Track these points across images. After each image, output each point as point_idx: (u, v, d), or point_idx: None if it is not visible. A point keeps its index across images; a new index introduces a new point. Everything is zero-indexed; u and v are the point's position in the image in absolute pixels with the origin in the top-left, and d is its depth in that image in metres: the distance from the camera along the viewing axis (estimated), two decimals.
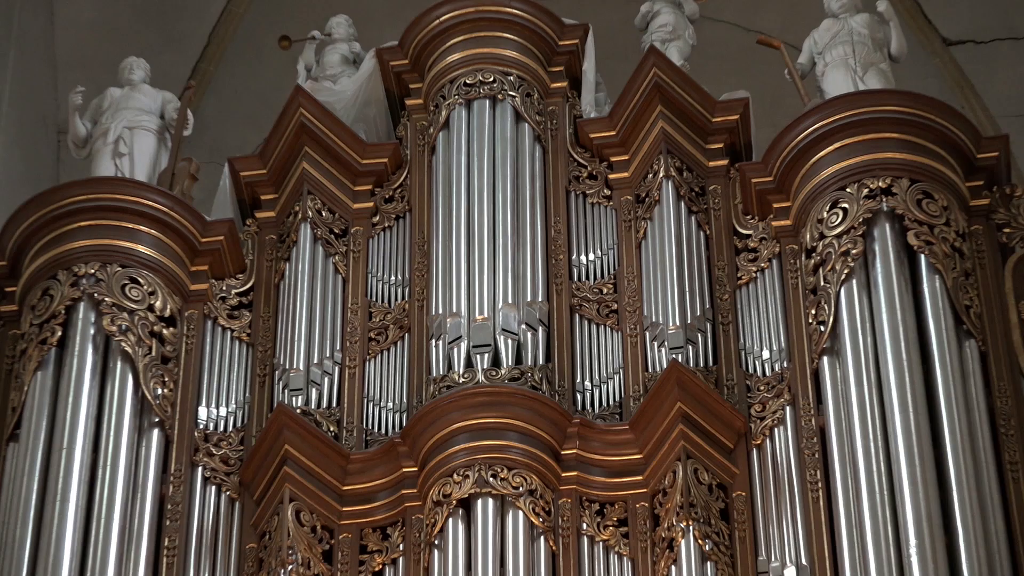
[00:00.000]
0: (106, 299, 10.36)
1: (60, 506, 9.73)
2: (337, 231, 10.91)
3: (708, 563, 9.30)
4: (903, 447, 9.30)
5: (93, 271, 10.46)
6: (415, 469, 9.80)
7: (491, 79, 11.10)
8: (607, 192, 10.85)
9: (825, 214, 10.15)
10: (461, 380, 10.02)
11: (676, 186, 10.57)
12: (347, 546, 9.77)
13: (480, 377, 10.01)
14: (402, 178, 11.09)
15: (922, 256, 9.92)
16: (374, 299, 10.69)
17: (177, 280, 10.65)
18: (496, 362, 10.09)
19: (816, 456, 9.60)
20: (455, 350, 10.17)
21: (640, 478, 9.73)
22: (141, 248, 10.61)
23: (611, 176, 10.87)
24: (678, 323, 10.12)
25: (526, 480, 9.60)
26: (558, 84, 11.25)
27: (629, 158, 10.86)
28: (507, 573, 9.35)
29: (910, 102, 10.41)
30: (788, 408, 9.83)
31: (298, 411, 10.09)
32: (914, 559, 8.98)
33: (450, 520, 9.54)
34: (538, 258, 10.54)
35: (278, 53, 12.58)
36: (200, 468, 10.19)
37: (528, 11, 11.28)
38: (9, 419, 10.25)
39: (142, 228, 10.64)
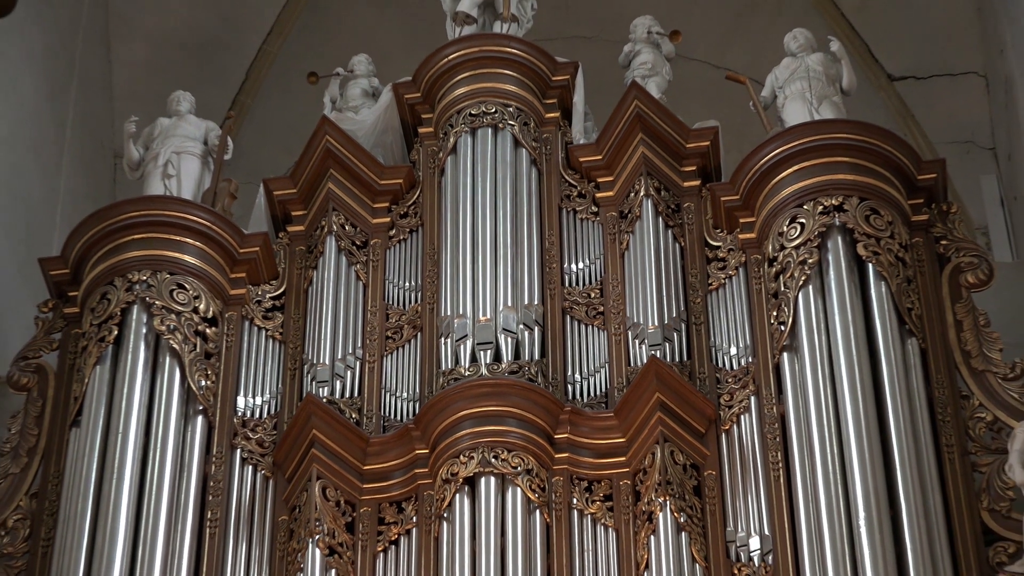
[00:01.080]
0: (156, 302, 10.37)
1: (116, 483, 9.73)
2: (358, 243, 10.92)
3: (683, 533, 9.30)
4: (853, 432, 9.31)
5: (145, 278, 10.45)
6: (426, 451, 9.80)
7: (493, 110, 11.10)
8: (594, 209, 10.84)
9: (785, 228, 10.16)
10: (467, 373, 10.03)
11: (655, 204, 10.58)
12: (367, 518, 9.78)
13: (483, 371, 10.01)
14: (415, 197, 11.08)
15: (870, 265, 9.92)
16: (390, 302, 10.68)
17: (218, 286, 10.66)
18: (497, 357, 10.10)
19: (777, 440, 9.61)
20: (461, 347, 10.18)
21: (623, 459, 9.73)
22: (187, 258, 10.61)
23: (598, 195, 10.86)
24: (656, 323, 10.13)
25: (523, 461, 9.61)
26: (551, 114, 11.24)
27: (613, 179, 10.85)
28: (507, 542, 9.34)
29: (859, 130, 10.41)
30: (752, 398, 9.84)
31: (324, 400, 10.09)
32: (863, 529, 9.00)
33: (457, 496, 9.54)
34: (534, 266, 10.53)
35: (307, 87, 12.55)
36: (238, 450, 10.19)
37: (525, 51, 11.28)
38: (72, 407, 10.25)
39: (188, 240, 10.64)
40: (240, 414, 10.33)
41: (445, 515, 9.53)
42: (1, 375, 10.98)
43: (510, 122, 11.05)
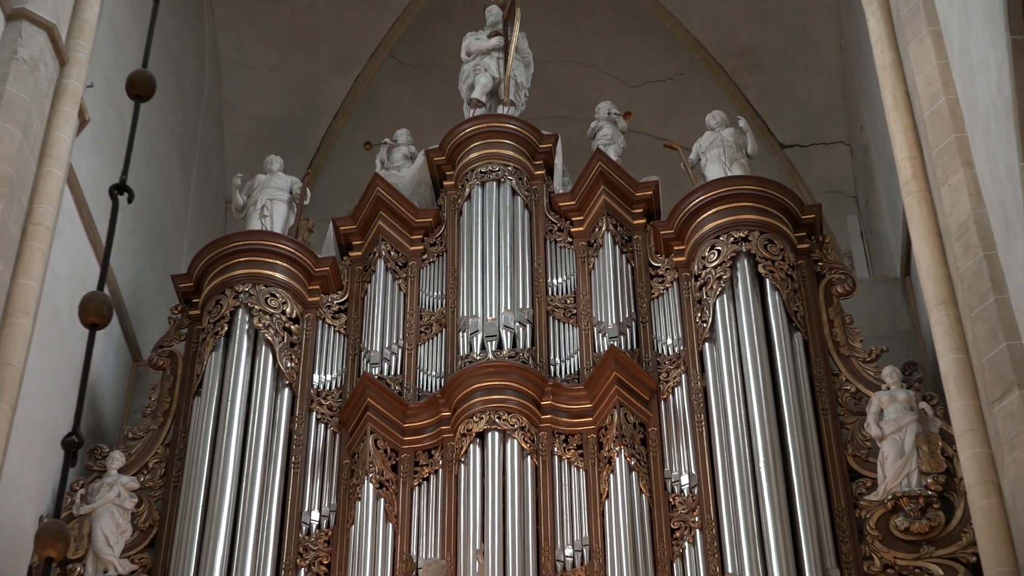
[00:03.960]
0: (255, 307, 10.39)
1: (226, 437, 9.77)
2: (400, 264, 10.92)
3: (633, 473, 9.34)
4: (755, 400, 9.37)
5: (247, 289, 10.47)
6: (449, 414, 9.79)
7: (497, 169, 11.10)
8: (569, 239, 10.83)
9: (706, 253, 10.19)
10: (478, 357, 10.03)
11: (613, 236, 10.59)
12: (406, 462, 9.78)
13: (490, 356, 10.01)
14: (441, 231, 11.07)
15: (767, 280, 9.97)
16: (423, 307, 10.66)
17: (300, 295, 10.65)
18: (499, 346, 10.10)
19: (701, 405, 9.61)
20: (474, 339, 10.18)
21: (590, 419, 9.72)
22: (277, 275, 10.61)
23: (572, 230, 10.85)
24: (614, 321, 10.14)
25: (519, 420, 9.62)
26: (539, 172, 11.23)
27: (583, 218, 10.84)
28: (507, 479, 9.36)
29: (759, 183, 10.46)
30: (683, 376, 9.84)
31: (376, 377, 10.10)
32: (762, 470, 9.07)
33: (471, 446, 9.57)
34: (526, 280, 10.51)
35: (363, 152, 12.57)
36: (314, 413, 10.18)
37: (520, 126, 11.29)
38: (194, 382, 10.25)
39: (278, 262, 10.64)
40: (315, 387, 10.32)
41: (462, 460, 9.55)
42: (144, 359, 11.03)
43: (509, 177, 11.05)
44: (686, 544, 9.12)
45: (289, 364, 10.27)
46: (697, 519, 9.15)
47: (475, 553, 8.93)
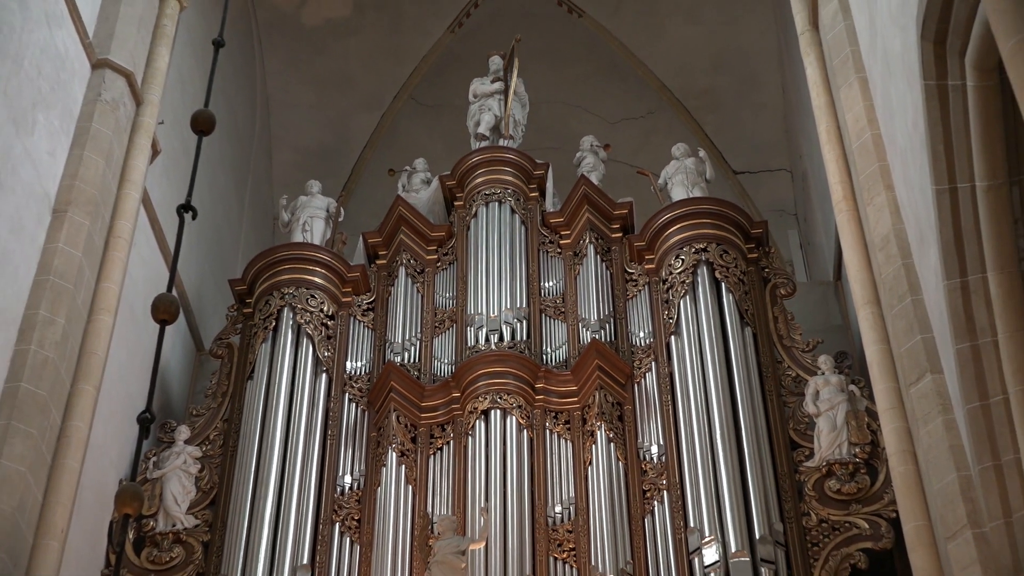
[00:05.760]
0: (298, 306, 10.37)
1: (274, 414, 9.76)
2: (418, 271, 10.89)
3: (611, 444, 9.33)
4: (712, 384, 9.36)
5: (292, 291, 10.46)
6: (459, 395, 9.77)
7: (498, 191, 11.08)
8: (559, 250, 10.81)
9: (673, 262, 10.18)
10: (483, 348, 10.00)
11: (595, 247, 10.58)
12: (423, 435, 9.74)
13: (492, 347, 9.98)
14: (452, 243, 11.04)
15: (723, 284, 9.96)
16: (437, 306, 10.63)
17: (335, 296, 10.63)
18: (500, 338, 10.07)
19: (667, 388, 9.60)
20: (480, 332, 10.15)
21: (576, 400, 9.70)
22: (316, 279, 10.59)
23: (561, 242, 10.83)
24: (596, 318, 10.13)
25: (516, 400, 9.60)
26: (533, 194, 11.21)
27: (570, 232, 10.82)
28: (507, 449, 9.34)
29: (716, 203, 10.46)
30: (653, 363, 9.82)
31: (398, 364, 10.08)
32: (719, 441, 9.06)
33: (477, 421, 9.54)
34: (523, 284, 10.48)
35: (387, 178, 12.51)
36: (347, 394, 10.15)
37: (517, 156, 11.25)
38: (247, 368, 10.20)
39: (317, 269, 10.62)
40: (347, 373, 10.29)
41: (470, 433, 9.53)
42: (205, 349, 11.01)
43: (509, 199, 11.03)
44: (655, 503, 9.10)
45: (326, 353, 10.26)
46: (664, 482, 9.13)
47: (480, 510, 8.92)
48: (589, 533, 8.90)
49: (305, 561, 9.08)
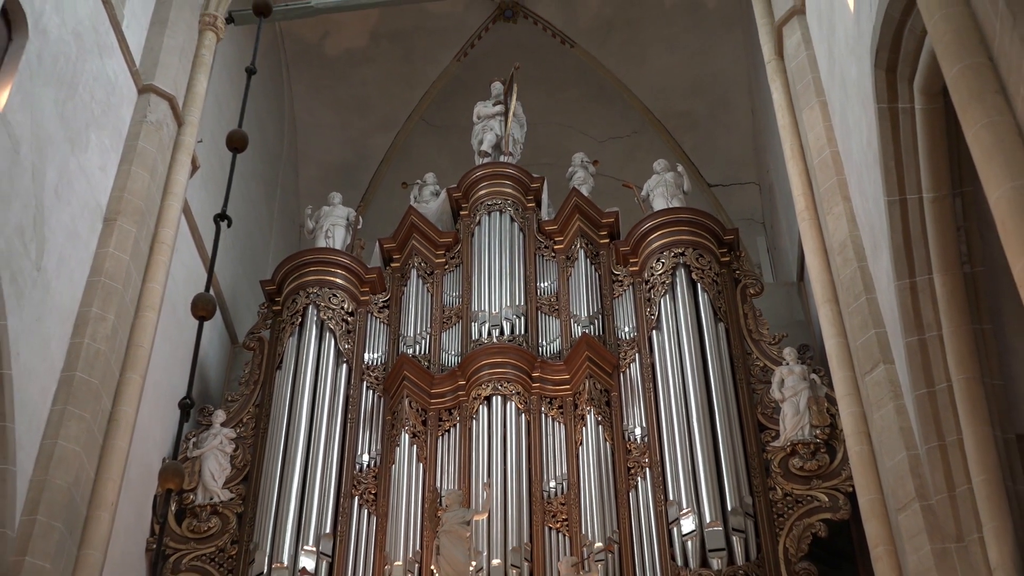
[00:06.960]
0: (322, 304, 10.36)
1: (300, 400, 9.74)
2: (428, 272, 10.88)
3: (600, 426, 9.32)
4: (689, 374, 9.35)
5: (316, 291, 10.45)
6: (464, 383, 9.74)
7: (499, 202, 11.07)
8: (553, 254, 10.79)
9: (654, 264, 10.17)
10: (485, 341, 9.99)
11: (585, 252, 10.56)
12: (433, 418, 9.72)
13: (494, 340, 9.97)
14: (458, 248, 11.02)
15: (699, 284, 9.94)
16: (445, 303, 10.63)
17: (354, 295, 10.62)
18: (501, 333, 10.05)
19: (649, 377, 9.58)
20: (483, 327, 10.14)
21: (568, 387, 9.67)
22: (338, 280, 10.58)
23: (555, 247, 10.82)
24: (586, 314, 10.10)
25: (515, 388, 9.59)
26: (530, 204, 11.19)
27: (563, 239, 10.81)
28: (507, 432, 9.32)
29: (693, 213, 10.44)
30: (637, 355, 9.80)
31: (410, 355, 10.07)
32: (695, 424, 9.04)
33: (480, 406, 9.53)
34: (521, 284, 10.46)
35: (400, 190, 12.52)
36: (365, 382, 10.13)
37: (516, 171, 11.24)
38: (276, 360, 10.21)
39: (338, 271, 10.61)
40: (366, 363, 10.28)
41: (474, 417, 9.51)
42: (239, 342, 11.01)
43: (508, 209, 11.02)
44: (639, 479, 9.09)
45: (346, 346, 10.25)
46: (647, 460, 9.12)
47: (483, 485, 8.92)
48: (580, 506, 8.89)
49: (328, 530, 9.09)
